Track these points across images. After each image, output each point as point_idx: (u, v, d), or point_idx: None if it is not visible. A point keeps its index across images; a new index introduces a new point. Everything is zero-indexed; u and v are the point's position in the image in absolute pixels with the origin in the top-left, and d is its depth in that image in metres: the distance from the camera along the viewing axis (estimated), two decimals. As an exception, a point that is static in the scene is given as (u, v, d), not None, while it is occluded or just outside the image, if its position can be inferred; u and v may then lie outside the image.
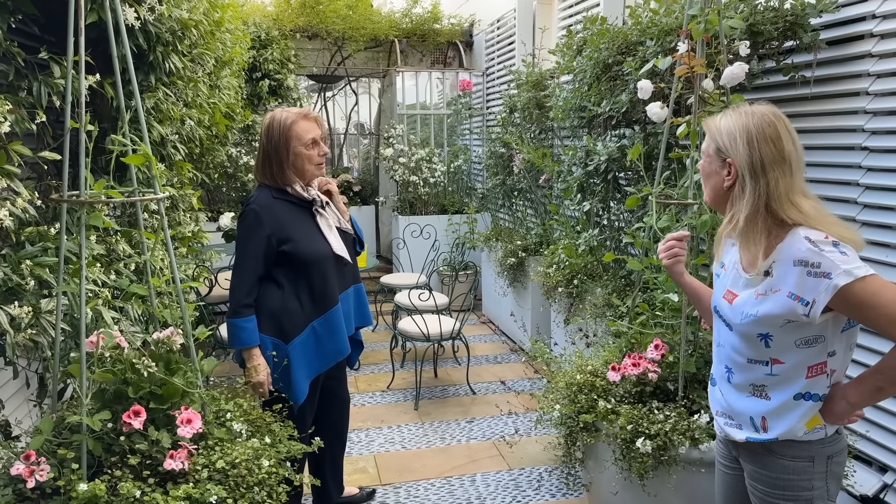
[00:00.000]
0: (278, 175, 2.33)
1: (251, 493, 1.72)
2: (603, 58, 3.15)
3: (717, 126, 1.51)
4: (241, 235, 2.31)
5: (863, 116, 2.32)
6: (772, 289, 1.43)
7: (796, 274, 1.38)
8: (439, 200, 6.56)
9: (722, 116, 1.52)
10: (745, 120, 1.46)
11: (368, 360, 4.77)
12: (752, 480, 1.57)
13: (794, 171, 1.43)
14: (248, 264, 2.29)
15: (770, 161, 1.41)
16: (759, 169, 1.42)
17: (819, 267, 1.35)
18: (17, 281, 1.76)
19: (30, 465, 1.59)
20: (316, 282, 2.36)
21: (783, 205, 1.41)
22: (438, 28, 6.93)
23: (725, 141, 1.48)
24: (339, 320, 2.43)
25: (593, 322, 3.33)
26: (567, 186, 3.90)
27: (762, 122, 1.44)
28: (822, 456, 1.48)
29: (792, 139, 1.44)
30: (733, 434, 1.59)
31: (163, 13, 2.31)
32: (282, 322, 2.33)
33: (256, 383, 2.26)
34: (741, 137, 1.44)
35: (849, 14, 2.37)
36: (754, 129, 1.43)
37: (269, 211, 2.29)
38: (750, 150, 1.43)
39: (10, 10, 1.83)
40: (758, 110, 1.47)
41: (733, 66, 2.16)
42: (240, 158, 5.84)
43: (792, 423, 1.47)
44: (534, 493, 3.01)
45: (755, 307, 1.46)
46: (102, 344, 1.77)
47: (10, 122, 1.74)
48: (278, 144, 2.30)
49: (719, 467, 1.74)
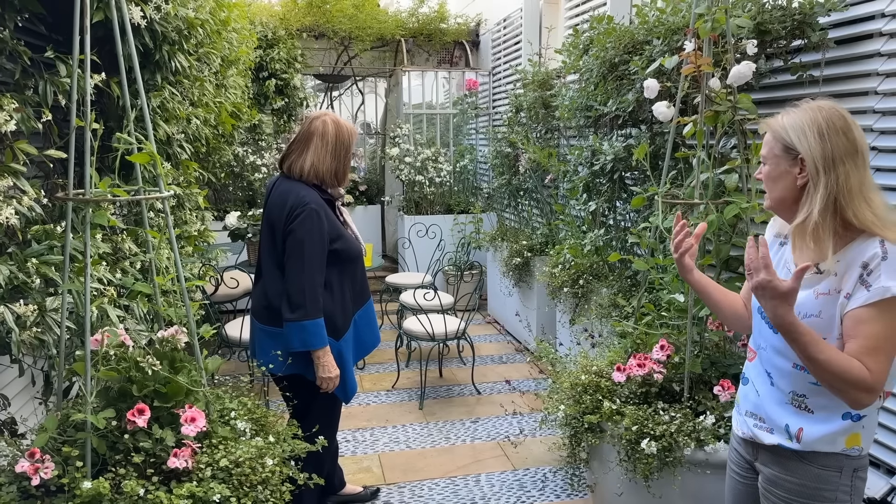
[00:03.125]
0: (340, 176, 2.42)
1: (255, 491, 1.72)
2: (609, 57, 3.14)
3: (782, 124, 1.44)
4: (307, 236, 2.26)
5: (871, 116, 2.30)
6: (836, 288, 1.37)
7: (856, 277, 1.34)
8: (445, 200, 6.56)
9: (784, 115, 1.45)
10: (811, 114, 1.39)
11: (373, 360, 4.77)
12: (770, 485, 1.51)
13: (866, 163, 1.38)
14: (318, 263, 2.29)
15: (842, 153, 1.35)
16: (830, 162, 1.35)
17: (870, 275, 1.32)
18: (23, 279, 1.76)
19: (34, 463, 1.60)
20: (358, 277, 2.49)
21: (853, 199, 1.35)
22: (445, 27, 6.92)
23: (793, 137, 1.40)
24: (374, 310, 2.62)
25: (598, 322, 3.32)
26: (573, 186, 3.89)
27: (831, 115, 1.38)
28: (849, 468, 1.43)
29: (859, 133, 1.38)
30: (762, 437, 1.52)
31: (169, 12, 2.32)
32: (335, 320, 2.38)
33: (336, 376, 2.34)
34: (811, 130, 1.38)
35: (857, 13, 2.35)
36: (823, 122, 1.37)
37: (323, 210, 2.32)
38: (822, 142, 1.36)
39: (17, 9, 1.84)
40: (824, 104, 1.41)
41: (740, 65, 2.15)
42: (246, 158, 5.85)
43: (831, 441, 1.42)
44: (538, 494, 3.00)
45: (816, 308, 1.39)
46: (107, 342, 1.78)
47: (17, 121, 1.74)
48: (348, 147, 2.41)
49: (731, 474, 1.68)
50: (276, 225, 2.31)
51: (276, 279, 2.32)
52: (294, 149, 2.39)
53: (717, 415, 2.22)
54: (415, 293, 4.33)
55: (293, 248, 2.26)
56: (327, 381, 2.33)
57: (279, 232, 2.30)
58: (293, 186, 2.34)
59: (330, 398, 2.43)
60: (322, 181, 2.38)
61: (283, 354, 2.29)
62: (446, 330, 3.99)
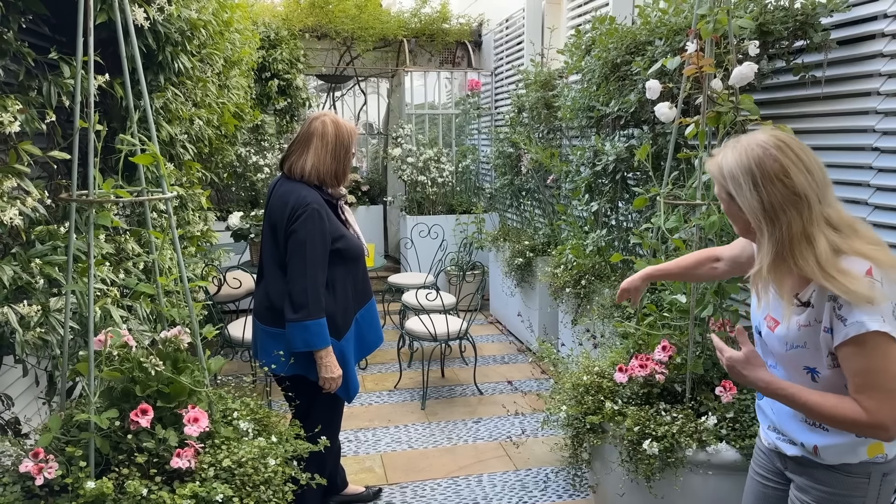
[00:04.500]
0: (340, 176, 2.41)
1: (257, 491, 1.72)
2: (611, 57, 3.14)
3: (721, 170, 1.37)
4: (309, 236, 2.26)
5: (874, 117, 2.30)
6: (816, 319, 1.33)
7: (828, 309, 1.29)
8: (447, 200, 6.56)
9: (722, 157, 1.37)
10: (745, 160, 1.31)
11: (376, 360, 4.77)
12: (800, 493, 1.48)
13: (813, 202, 1.28)
14: (319, 263, 2.29)
15: (782, 201, 1.27)
16: (772, 213, 1.28)
17: (840, 309, 1.27)
18: (27, 279, 1.77)
19: (38, 463, 1.61)
20: (360, 276, 2.49)
21: (794, 249, 1.28)
22: (447, 28, 6.93)
23: (731, 188, 1.34)
24: (376, 310, 2.62)
25: (601, 323, 3.32)
26: (575, 186, 3.89)
27: (764, 159, 1.29)
28: (877, 473, 1.40)
29: (804, 166, 1.29)
30: (785, 449, 1.50)
31: (172, 13, 2.32)
32: (336, 321, 2.38)
33: (338, 376, 2.34)
34: (745, 181, 1.30)
35: (860, 13, 2.35)
36: (757, 170, 1.29)
37: (324, 209, 2.32)
38: (759, 193, 1.29)
39: (21, 11, 1.84)
40: (757, 142, 1.32)
41: (742, 66, 2.14)
42: (249, 158, 5.86)
43: (851, 452, 1.39)
44: (540, 494, 3.01)
45: (801, 339, 1.36)
46: (110, 342, 1.78)
47: (21, 122, 1.75)
48: (348, 147, 2.40)
49: (756, 478, 1.64)
50: (278, 226, 2.31)
51: (279, 280, 2.33)
52: (294, 150, 2.39)
53: (719, 415, 2.22)
54: (417, 293, 4.34)
55: (295, 249, 2.27)
56: (330, 382, 2.33)
57: (281, 232, 2.30)
58: (294, 187, 2.34)
59: (332, 398, 2.44)
60: (322, 182, 2.38)
61: (286, 355, 2.29)
62: (448, 330, 4.00)
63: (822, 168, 1.33)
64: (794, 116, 2.61)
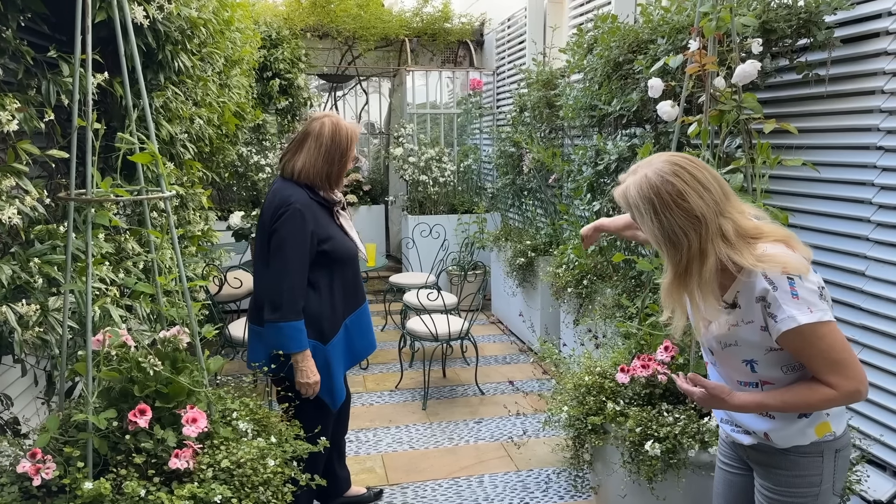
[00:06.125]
0: (333, 179, 2.36)
1: (256, 492, 1.71)
2: (614, 56, 3.13)
3: (626, 200, 1.43)
4: (289, 236, 2.24)
5: (878, 115, 2.28)
6: (744, 320, 1.41)
7: (759, 310, 1.38)
8: (449, 200, 6.55)
9: (626, 187, 1.43)
10: (644, 188, 1.37)
11: (377, 360, 4.76)
12: (762, 479, 1.57)
13: (710, 220, 1.34)
14: (298, 264, 2.25)
15: (683, 226, 1.34)
16: (676, 239, 1.36)
17: (770, 307, 1.35)
18: (26, 279, 1.76)
19: (36, 463, 1.60)
20: (349, 280, 2.43)
21: (691, 266, 1.37)
22: (449, 27, 6.92)
23: (638, 219, 1.42)
24: (369, 316, 2.55)
25: (603, 323, 3.31)
26: (577, 186, 3.87)
27: (660, 185, 1.35)
28: (830, 450, 1.49)
29: (700, 185, 1.35)
30: (740, 439, 1.59)
31: (172, 11, 2.31)
32: (322, 324, 2.34)
33: (314, 382, 2.30)
34: (647, 211, 1.37)
35: (864, 11, 2.33)
36: (655, 198, 1.36)
37: (310, 210, 2.28)
38: (660, 221, 1.36)
39: (20, 9, 1.83)
40: (654, 170, 1.38)
41: (745, 65, 2.13)
42: (250, 158, 5.86)
43: (800, 435, 1.48)
44: (541, 495, 2.99)
45: (732, 337, 1.45)
46: (109, 342, 1.78)
47: (19, 121, 1.74)
48: (344, 151, 2.35)
49: (722, 467, 1.73)
50: (266, 224, 2.31)
51: (264, 277, 2.33)
52: (290, 149, 2.39)
53: (722, 416, 2.20)
54: (418, 293, 4.32)
55: (275, 248, 2.25)
56: (305, 387, 2.29)
57: (267, 231, 2.30)
58: (284, 186, 2.33)
59: (317, 403, 2.39)
60: (312, 183, 2.34)
61: (266, 354, 2.29)
62: (450, 330, 3.99)
63: (719, 180, 1.39)
64: (797, 115, 2.59)
